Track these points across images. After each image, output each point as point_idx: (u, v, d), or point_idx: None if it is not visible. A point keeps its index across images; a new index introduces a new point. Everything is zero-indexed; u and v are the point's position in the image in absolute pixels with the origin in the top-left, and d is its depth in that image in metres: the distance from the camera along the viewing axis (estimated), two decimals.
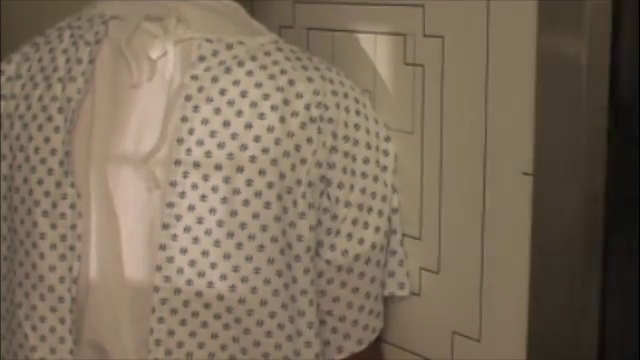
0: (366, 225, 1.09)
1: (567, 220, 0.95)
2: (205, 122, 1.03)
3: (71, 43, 1.10)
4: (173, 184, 1.03)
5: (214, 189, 1.03)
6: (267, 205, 1.03)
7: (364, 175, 1.08)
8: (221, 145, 1.03)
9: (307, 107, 1.04)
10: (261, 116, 1.03)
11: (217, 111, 1.04)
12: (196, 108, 1.04)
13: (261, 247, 1.04)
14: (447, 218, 1.08)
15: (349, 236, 1.07)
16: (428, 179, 1.10)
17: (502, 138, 1.01)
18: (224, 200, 1.03)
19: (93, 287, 1.07)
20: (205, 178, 1.03)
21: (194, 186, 1.03)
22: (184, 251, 1.03)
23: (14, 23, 1.55)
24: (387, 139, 1.12)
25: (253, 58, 1.06)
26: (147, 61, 1.06)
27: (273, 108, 1.04)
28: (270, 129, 1.03)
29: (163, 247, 1.03)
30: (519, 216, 0.99)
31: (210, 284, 1.04)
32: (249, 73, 1.05)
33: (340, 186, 1.06)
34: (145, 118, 1.06)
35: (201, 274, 1.04)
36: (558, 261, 0.96)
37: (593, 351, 0.96)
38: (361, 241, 1.08)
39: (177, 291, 1.04)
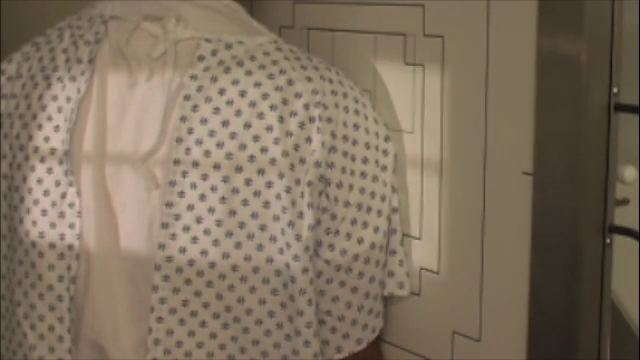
0: (365, 225, 1.08)
1: (567, 220, 0.94)
2: (204, 122, 1.03)
3: (71, 43, 1.10)
4: (172, 184, 1.03)
5: (213, 188, 1.03)
6: (266, 204, 1.03)
7: (363, 175, 1.08)
8: (220, 144, 1.03)
9: (306, 107, 1.04)
10: (260, 116, 1.03)
11: (216, 111, 1.04)
12: (195, 108, 1.04)
13: (260, 246, 1.04)
14: (447, 218, 1.08)
15: (348, 236, 1.07)
16: (428, 179, 1.10)
17: (502, 138, 1.01)
18: (223, 199, 1.03)
19: (92, 286, 1.07)
20: (204, 177, 1.03)
21: (193, 185, 1.03)
22: (183, 250, 1.03)
23: (14, 23, 1.55)
24: (387, 139, 1.12)
25: (252, 58, 1.06)
26: (146, 61, 1.06)
27: (272, 108, 1.04)
28: (269, 129, 1.03)
29: (162, 246, 1.03)
30: (519, 216, 0.99)
31: (209, 283, 1.04)
32: (248, 73, 1.05)
33: (339, 186, 1.06)
34: (144, 118, 1.06)
35: (200, 273, 1.04)
36: (558, 261, 0.95)
37: (593, 351, 0.96)
38: (360, 241, 1.08)
39: (176, 290, 1.04)
